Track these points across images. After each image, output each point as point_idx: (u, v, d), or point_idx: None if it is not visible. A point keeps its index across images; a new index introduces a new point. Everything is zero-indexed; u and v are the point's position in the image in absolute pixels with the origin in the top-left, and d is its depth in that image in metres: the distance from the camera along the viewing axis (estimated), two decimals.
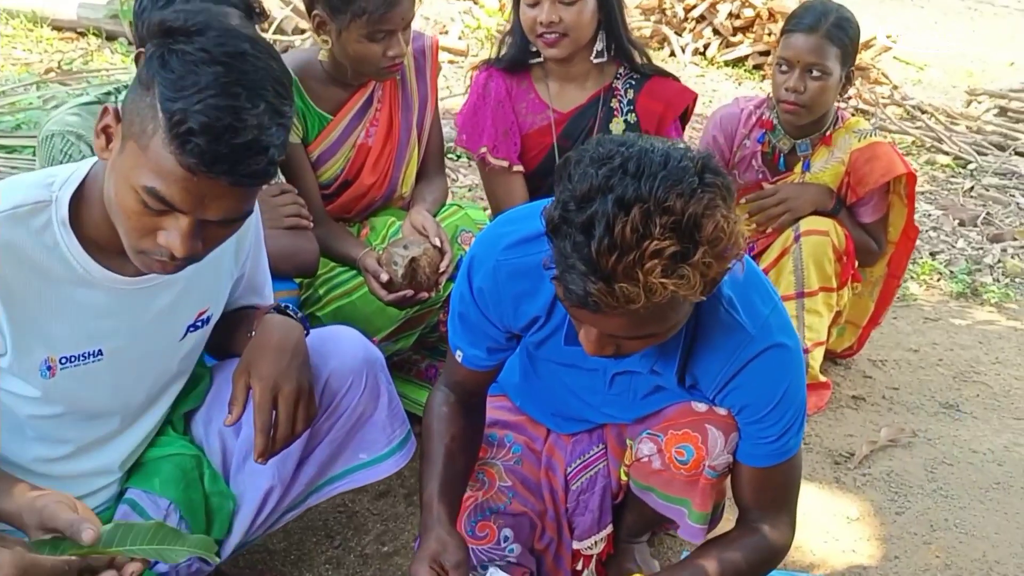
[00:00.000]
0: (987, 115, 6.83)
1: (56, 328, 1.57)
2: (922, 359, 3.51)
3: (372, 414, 1.94)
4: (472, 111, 2.83)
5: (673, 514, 1.98)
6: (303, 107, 2.55)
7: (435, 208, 2.68)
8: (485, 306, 1.81)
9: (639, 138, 1.45)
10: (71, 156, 2.12)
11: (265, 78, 1.41)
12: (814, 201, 3.00)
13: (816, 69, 2.87)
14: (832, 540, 2.51)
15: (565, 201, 1.41)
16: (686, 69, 7.35)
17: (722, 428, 1.84)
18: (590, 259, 1.37)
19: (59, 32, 5.89)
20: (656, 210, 1.36)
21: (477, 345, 1.90)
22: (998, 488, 2.76)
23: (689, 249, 1.38)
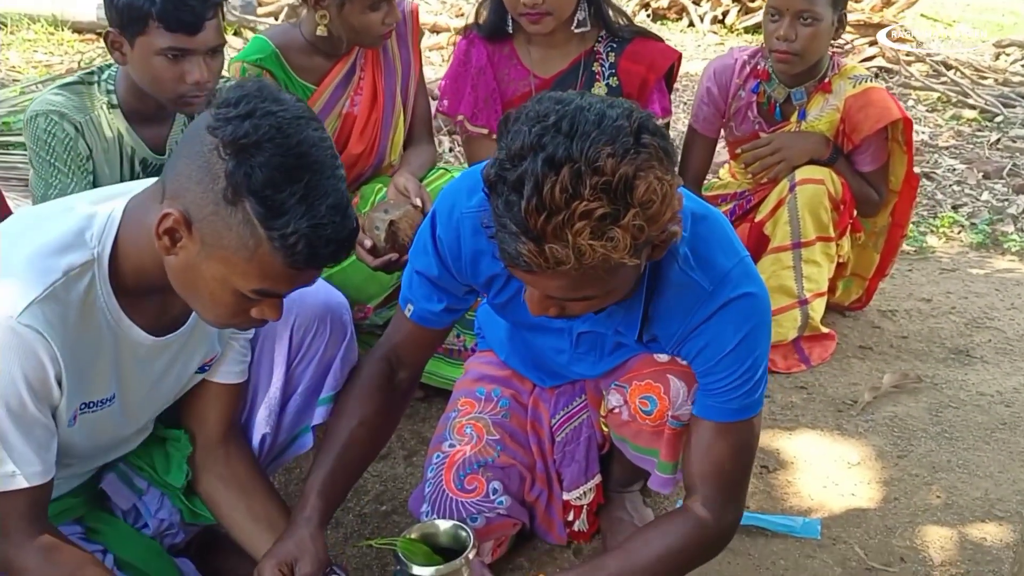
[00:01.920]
0: (1015, 66, 6.67)
1: (89, 381, 1.58)
2: (934, 308, 3.45)
3: (337, 355, 1.94)
4: (454, 77, 2.83)
5: (645, 464, 1.98)
6: (286, 79, 2.58)
7: (421, 172, 2.69)
8: (445, 257, 1.78)
9: (579, 96, 1.42)
10: (55, 135, 2.16)
11: (328, 152, 1.45)
12: (809, 150, 2.97)
13: (806, 15, 2.83)
14: (831, 485, 2.49)
15: (500, 159, 1.39)
16: (705, 38, 7.29)
17: (684, 378, 1.83)
18: (520, 219, 1.36)
19: (80, 34, 5.98)
20: (586, 170, 1.33)
21: (433, 299, 1.86)
22: (1004, 428, 2.72)
23: (619, 211, 1.35)
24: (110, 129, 2.25)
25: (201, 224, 1.43)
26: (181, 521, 1.90)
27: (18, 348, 1.42)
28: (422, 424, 2.66)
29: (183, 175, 1.44)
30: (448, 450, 2.08)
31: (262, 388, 1.92)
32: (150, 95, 2.21)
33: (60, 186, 2.19)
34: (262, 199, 1.39)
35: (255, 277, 1.45)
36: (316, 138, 1.43)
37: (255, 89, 1.43)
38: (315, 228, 1.40)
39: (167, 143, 2.34)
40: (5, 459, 1.47)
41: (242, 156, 1.38)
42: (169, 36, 2.09)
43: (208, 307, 1.53)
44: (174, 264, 1.49)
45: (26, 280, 1.44)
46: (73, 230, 1.51)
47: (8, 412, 1.45)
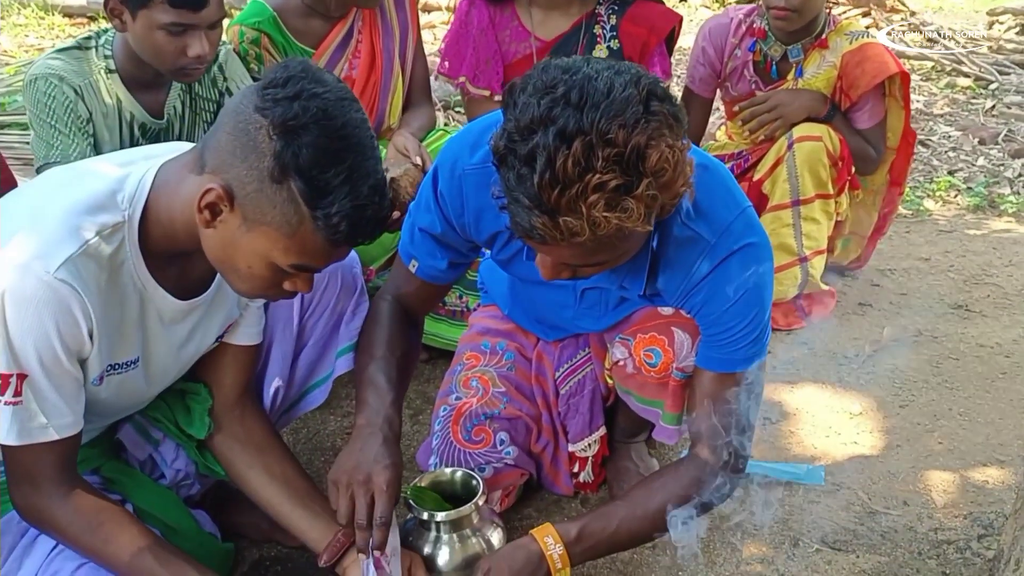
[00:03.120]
0: (1008, 34, 6.69)
1: (117, 342, 1.59)
2: (932, 266, 3.48)
3: (355, 309, 1.97)
4: (455, 39, 2.84)
5: (650, 416, 1.99)
6: (284, 43, 2.58)
7: (421, 134, 2.70)
8: (447, 212, 1.78)
9: (585, 63, 1.40)
10: (54, 97, 2.18)
11: (368, 134, 1.47)
12: (807, 107, 2.98)
13: None
14: (834, 434, 2.51)
15: (509, 131, 1.38)
16: (698, 12, 7.30)
17: (688, 330, 1.83)
18: (533, 193, 1.35)
19: (70, 18, 6.03)
20: (598, 142, 1.32)
21: (437, 255, 1.85)
22: (1004, 377, 2.74)
23: (633, 182, 1.34)
24: (109, 95, 2.26)
25: (244, 200, 1.44)
26: (196, 472, 1.92)
27: (53, 302, 1.44)
28: (427, 384, 2.68)
29: (226, 151, 1.45)
30: (455, 403, 2.10)
31: (276, 341, 1.94)
32: (148, 63, 2.21)
33: (61, 147, 2.20)
34: (308, 179, 1.41)
35: (295, 253, 1.48)
36: (358, 120, 1.46)
37: (300, 70, 1.44)
38: (357, 208, 1.43)
39: (164, 108, 2.35)
40: (37, 412, 1.49)
41: (290, 137, 1.40)
42: (173, 12, 2.10)
43: (244, 279, 1.54)
44: (212, 236, 1.50)
45: (61, 236, 1.45)
46: (105, 191, 1.52)
47: (41, 365, 1.47)
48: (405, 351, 1.87)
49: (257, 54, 2.55)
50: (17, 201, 1.55)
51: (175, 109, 2.37)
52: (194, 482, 1.93)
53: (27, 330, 1.43)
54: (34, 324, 1.43)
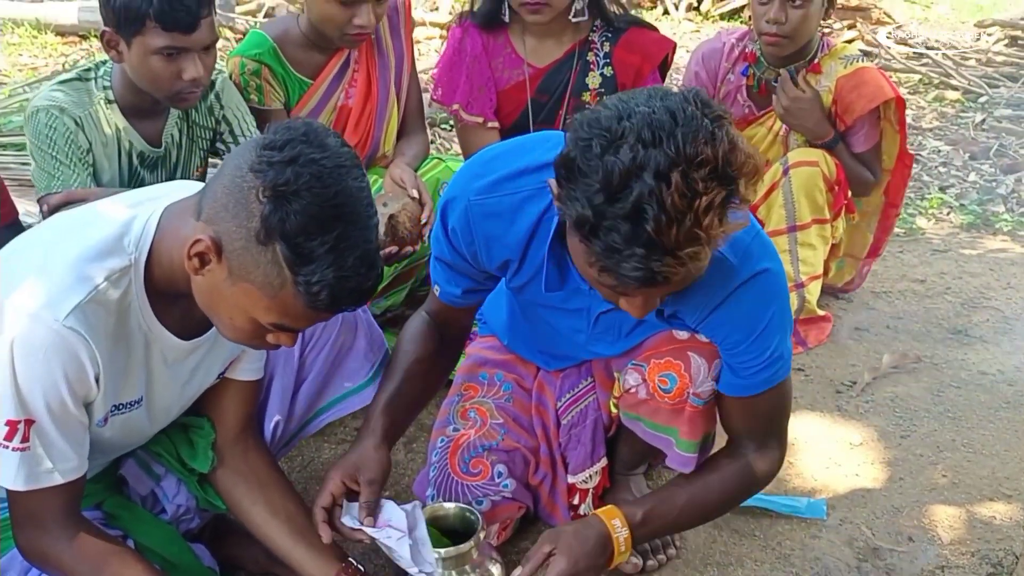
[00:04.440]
0: (997, 46, 6.68)
1: (122, 383, 1.63)
2: (929, 288, 3.45)
3: (352, 344, 2.00)
4: (448, 66, 2.83)
5: (661, 443, 1.97)
6: (283, 73, 2.60)
7: (415, 162, 2.70)
8: (459, 246, 1.81)
9: (628, 100, 1.42)
10: (56, 128, 2.22)
11: (364, 202, 1.47)
12: (812, 126, 2.93)
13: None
14: (834, 465, 2.48)
15: (591, 197, 1.38)
16: (680, 25, 7.27)
17: (704, 355, 1.83)
18: (650, 240, 1.37)
19: (62, 37, 6.06)
20: (692, 167, 1.35)
21: (453, 283, 1.90)
22: (1008, 407, 2.71)
23: (732, 188, 1.39)
24: (108, 125, 2.31)
25: (231, 254, 1.46)
26: (196, 507, 1.94)
27: (62, 350, 1.47)
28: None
29: (219, 203, 1.47)
30: (452, 434, 2.10)
31: (277, 376, 1.97)
32: (146, 91, 2.26)
33: (62, 178, 2.24)
34: (293, 245, 1.42)
35: (275, 313, 1.49)
36: (354, 188, 1.45)
37: (302, 133, 1.45)
38: (340, 279, 1.44)
39: (162, 136, 2.39)
40: (43, 457, 1.53)
41: (279, 201, 1.41)
42: (166, 35, 2.14)
43: (226, 327, 1.57)
44: (200, 283, 1.52)
45: (70, 284, 1.49)
46: (113, 235, 1.55)
47: (48, 411, 1.50)
48: (420, 357, 1.94)
49: (258, 85, 2.56)
50: (27, 246, 1.60)
51: (172, 137, 2.41)
52: (194, 516, 1.95)
53: (35, 377, 1.47)
54: (42, 372, 1.47)
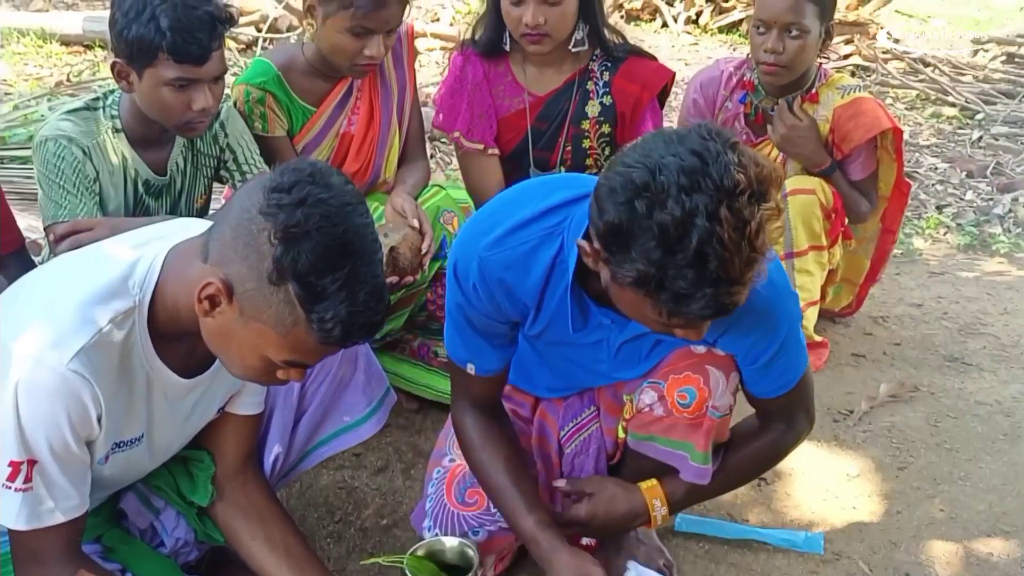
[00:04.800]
0: (994, 63, 6.69)
1: (124, 421, 1.65)
2: (926, 313, 3.46)
3: (351, 377, 2.02)
4: (449, 93, 2.83)
5: (675, 460, 1.98)
6: (287, 101, 2.61)
7: (416, 190, 2.71)
8: (481, 303, 1.82)
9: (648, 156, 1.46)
10: (63, 158, 2.24)
11: (371, 238, 1.51)
12: (809, 154, 2.94)
13: (794, 28, 2.81)
14: (831, 498, 2.48)
15: (649, 254, 1.43)
16: (679, 39, 7.27)
17: (723, 368, 1.87)
18: (717, 278, 1.43)
19: (67, 46, 6.09)
20: (735, 198, 1.41)
21: (486, 351, 1.90)
22: (1005, 439, 2.71)
23: (769, 203, 1.44)
24: (115, 153, 2.32)
25: (242, 296, 1.49)
26: (195, 540, 1.95)
27: (66, 393, 1.50)
28: (418, 436, 2.66)
29: (228, 246, 1.49)
30: (448, 465, 2.10)
31: (277, 408, 1.99)
32: (154, 120, 2.28)
33: (69, 207, 2.25)
34: (305, 284, 1.45)
35: (287, 350, 1.52)
36: (361, 225, 1.49)
37: (308, 174, 1.48)
38: (352, 314, 1.47)
39: (167, 165, 2.41)
40: (46, 496, 1.55)
41: (291, 242, 1.44)
42: (177, 67, 2.15)
43: (236, 366, 1.60)
44: (210, 325, 1.55)
45: (75, 327, 1.52)
46: (118, 277, 1.57)
47: (51, 452, 1.53)
48: (509, 455, 1.96)
49: (262, 113, 2.57)
50: (33, 288, 1.62)
51: (177, 165, 2.43)
52: (192, 549, 1.98)
53: (39, 419, 1.50)
54: (46, 413, 1.50)
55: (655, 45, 7.10)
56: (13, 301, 1.60)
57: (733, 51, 7.08)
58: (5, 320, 1.54)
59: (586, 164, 2.87)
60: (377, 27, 2.46)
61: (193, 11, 2.13)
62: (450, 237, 2.60)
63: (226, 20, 2.20)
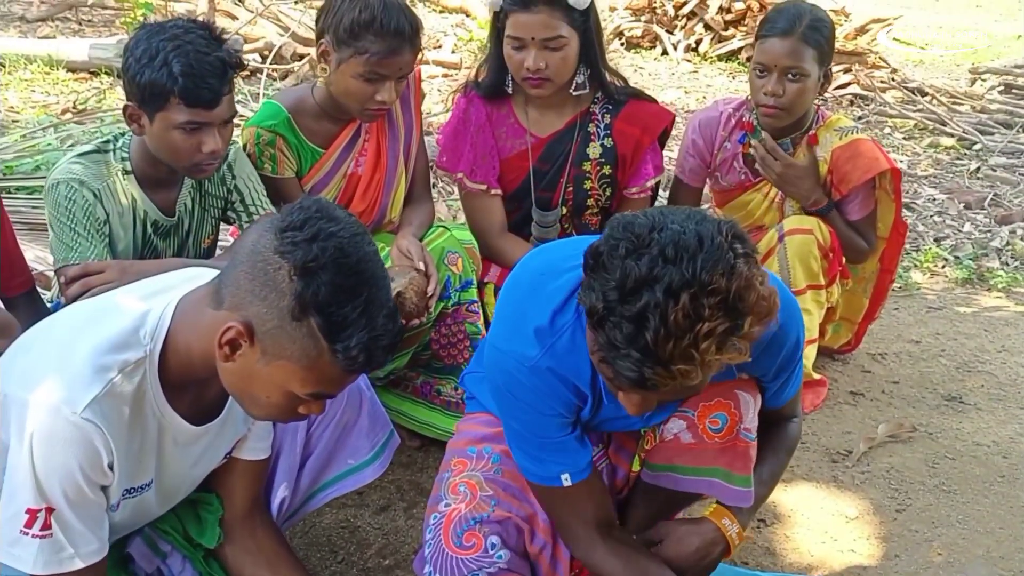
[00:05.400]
0: (992, 93, 6.74)
1: (135, 468, 1.68)
2: (924, 350, 3.47)
3: (356, 421, 2.06)
4: (453, 135, 2.88)
5: (703, 487, 2.00)
6: (297, 143, 2.64)
7: (421, 231, 2.74)
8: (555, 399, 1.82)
9: (663, 216, 1.49)
10: (75, 201, 2.28)
11: (379, 264, 1.58)
12: (806, 192, 2.97)
13: (794, 72, 2.85)
14: (830, 540, 2.49)
15: (606, 293, 1.47)
16: (679, 66, 7.32)
17: (751, 391, 1.92)
18: (646, 348, 1.45)
19: (74, 73, 6.15)
20: (703, 293, 1.43)
21: (576, 449, 1.88)
22: (1003, 481, 2.72)
23: (738, 323, 1.46)
24: (125, 195, 2.36)
25: (263, 336, 1.53)
26: None
27: (79, 441, 1.54)
28: (420, 474, 2.67)
29: (244, 289, 1.54)
30: (444, 510, 2.09)
31: (283, 452, 2.02)
32: (163, 162, 2.32)
33: (80, 250, 2.28)
34: (327, 315, 1.50)
35: (313, 383, 1.57)
36: (371, 253, 1.56)
37: (315, 210, 1.54)
38: (373, 339, 1.53)
39: (176, 206, 2.45)
40: (64, 544, 1.58)
41: (310, 277, 1.49)
42: (188, 111, 2.19)
43: (261, 407, 1.64)
44: (230, 369, 1.58)
45: (88, 378, 1.55)
46: (128, 328, 1.61)
47: (66, 500, 1.56)
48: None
49: (272, 155, 2.61)
50: (48, 339, 1.65)
51: (185, 206, 2.46)
52: None
53: (53, 467, 1.53)
54: (60, 462, 1.53)
55: (655, 72, 7.16)
56: (27, 352, 1.63)
57: (732, 79, 7.13)
58: (20, 372, 1.59)
59: (587, 205, 2.90)
60: (389, 73, 2.49)
61: (204, 57, 2.17)
62: (454, 278, 2.62)
63: (236, 65, 2.24)
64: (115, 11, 7.07)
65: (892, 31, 8.00)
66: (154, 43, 2.16)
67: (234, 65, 2.23)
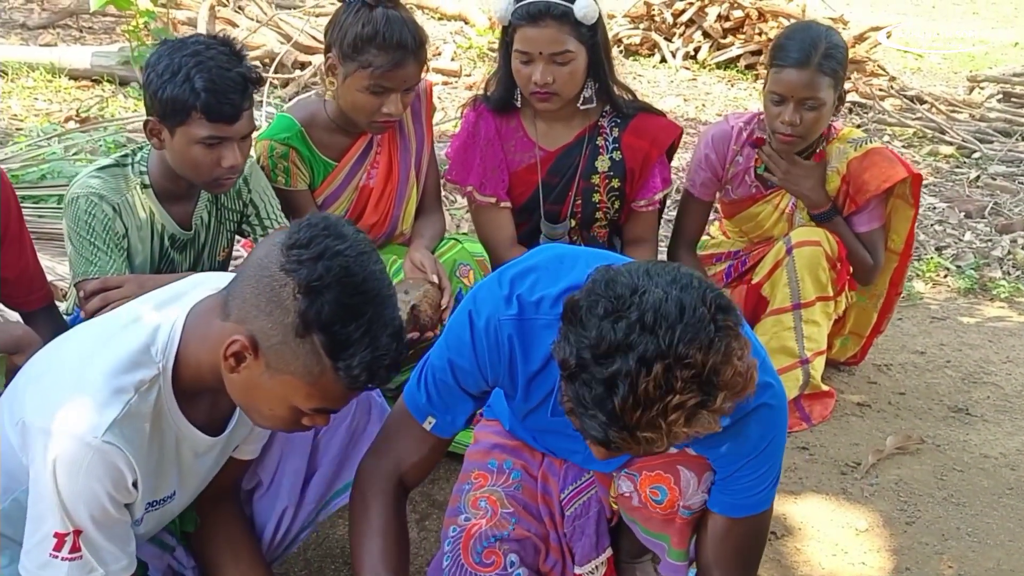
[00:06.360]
0: (990, 101, 6.76)
1: (157, 482, 1.71)
2: (929, 361, 3.49)
3: (366, 427, 2.07)
4: (462, 148, 2.90)
5: (656, 548, 2.01)
6: (310, 156, 2.67)
7: (433, 244, 2.77)
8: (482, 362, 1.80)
9: (648, 278, 1.46)
10: (95, 215, 2.31)
11: (386, 282, 1.58)
12: (808, 192, 2.98)
13: (810, 102, 2.85)
14: (840, 553, 2.50)
15: (580, 350, 1.45)
16: (678, 74, 7.33)
17: (694, 468, 1.86)
18: (613, 413, 1.43)
19: (76, 81, 6.16)
20: (677, 365, 1.40)
21: (455, 409, 1.88)
22: (1011, 493, 2.74)
23: (710, 398, 1.43)
24: (143, 209, 2.38)
25: (267, 350, 1.55)
26: None
27: (102, 464, 1.55)
28: (431, 486, 2.66)
29: (250, 303, 1.56)
30: (464, 523, 2.11)
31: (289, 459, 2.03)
32: (182, 176, 2.34)
33: (100, 264, 2.31)
34: (330, 334, 1.52)
35: (316, 398, 1.59)
36: (377, 271, 1.57)
37: (323, 228, 1.55)
38: (376, 358, 1.54)
39: (192, 219, 2.47)
40: (94, 565, 1.60)
41: (314, 296, 1.51)
42: (209, 126, 2.22)
43: (264, 417, 1.66)
44: (236, 380, 1.60)
45: (105, 401, 1.57)
46: (140, 347, 1.63)
47: (93, 522, 1.58)
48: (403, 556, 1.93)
49: (285, 168, 2.63)
50: (60, 362, 1.66)
51: (202, 220, 2.49)
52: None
53: (78, 492, 1.54)
54: (84, 486, 1.55)
55: (653, 80, 7.18)
56: (40, 379, 1.65)
57: (731, 87, 7.15)
58: (37, 400, 1.60)
59: (596, 218, 2.92)
60: (395, 86, 2.52)
61: (226, 72, 2.20)
62: (466, 290, 2.64)
63: (256, 81, 2.28)
64: (116, 19, 7.07)
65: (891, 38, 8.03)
66: (176, 59, 2.19)
67: (254, 81, 2.26)
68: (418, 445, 1.93)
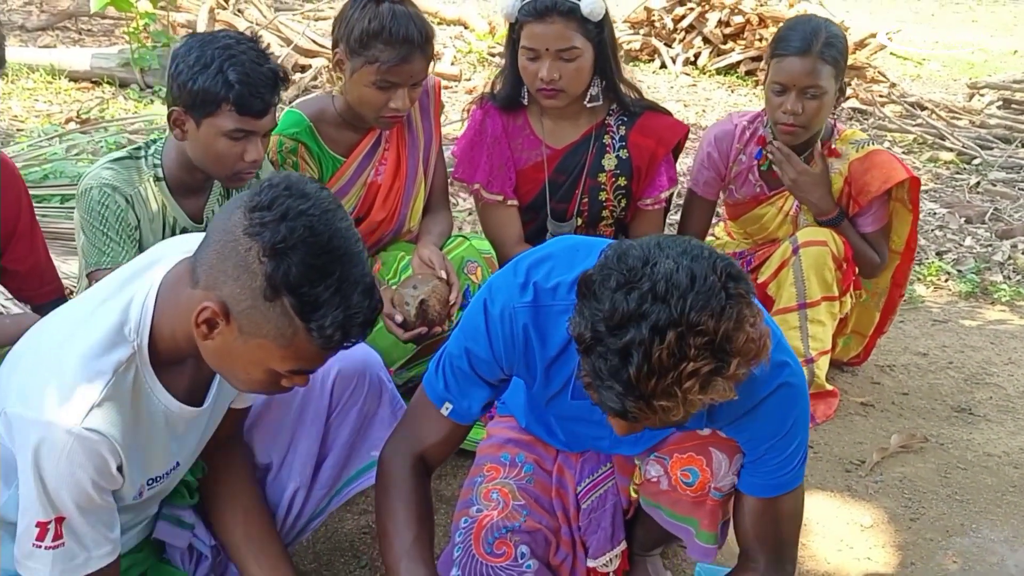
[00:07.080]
0: (990, 108, 6.80)
1: (150, 459, 1.70)
2: (931, 363, 3.50)
3: (376, 411, 2.09)
4: (469, 147, 2.91)
5: (681, 532, 2.02)
6: (318, 151, 2.68)
7: (441, 240, 2.77)
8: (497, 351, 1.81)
9: (659, 250, 1.47)
10: (108, 206, 2.32)
11: (354, 239, 1.55)
12: (816, 200, 2.99)
13: (812, 90, 2.86)
14: (846, 548, 2.52)
15: (595, 323, 1.46)
16: (678, 80, 7.35)
17: (725, 451, 1.88)
18: (628, 382, 1.44)
19: (76, 82, 6.18)
20: (690, 332, 1.41)
21: (472, 396, 1.89)
22: (1015, 491, 2.75)
23: (723, 364, 1.44)
24: (155, 201, 2.39)
25: (239, 315, 1.53)
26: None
27: (84, 452, 1.53)
28: (439, 481, 2.68)
29: (217, 269, 1.53)
30: (476, 515, 2.12)
31: (301, 440, 2.05)
32: (198, 168, 2.35)
33: (112, 254, 2.32)
34: (299, 295, 1.49)
35: (291, 360, 1.57)
36: (344, 229, 1.53)
37: (284, 188, 1.52)
38: (348, 317, 1.52)
39: (204, 212, 2.48)
40: (78, 551, 1.60)
41: (280, 258, 1.48)
42: (238, 119, 2.23)
43: (243, 381, 1.65)
44: (210, 347, 1.58)
45: (82, 386, 1.54)
46: (113, 327, 1.60)
47: (77, 508, 1.56)
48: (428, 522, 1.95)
49: (294, 163, 2.65)
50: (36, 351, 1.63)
51: (213, 212, 2.49)
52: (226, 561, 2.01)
53: (61, 480, 1.53)
54: (66, 473, 1.53)
55: (654, 86, 7.19)
56: (17, 368, 1.62)
57: (731, 92, 7.17)
58: (17, 389, 1.58)
59: (602, 216, 2.93)
60: (402, 80, 2.53)
61: (259, 67, 2.22)
62: (473, 287, 2.65)
63: (284, 79, 2.30)
64: (115, 21, 7.08)
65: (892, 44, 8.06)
66: (208, 51, 2.20)
67: (283, 78, 2.28)
68: (437, 428, 1.95)
